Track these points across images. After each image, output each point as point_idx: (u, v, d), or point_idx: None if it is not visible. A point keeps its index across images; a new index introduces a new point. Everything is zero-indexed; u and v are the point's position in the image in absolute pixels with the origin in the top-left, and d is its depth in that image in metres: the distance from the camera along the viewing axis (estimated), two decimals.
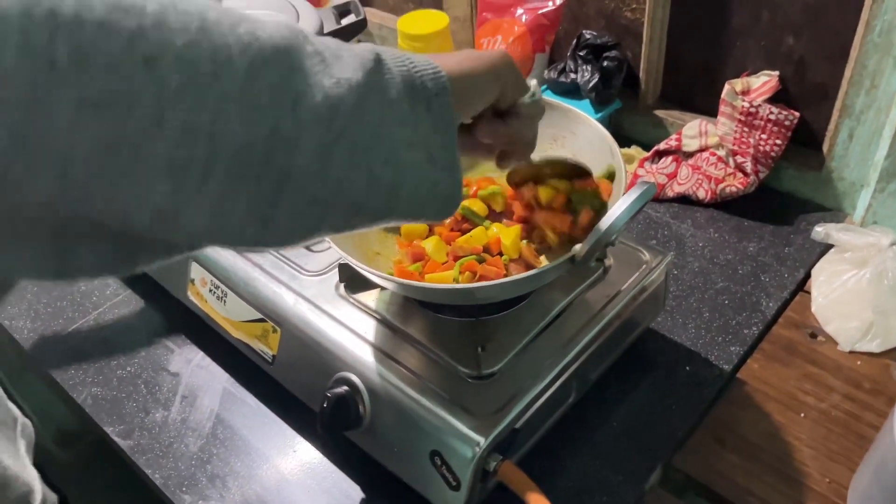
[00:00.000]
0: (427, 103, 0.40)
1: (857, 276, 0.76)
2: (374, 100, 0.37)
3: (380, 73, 0.38)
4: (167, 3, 0.31)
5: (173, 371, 0.80)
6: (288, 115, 0.34)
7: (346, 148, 0.36)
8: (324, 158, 0.36)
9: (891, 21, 0.76)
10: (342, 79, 0.36)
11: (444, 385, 0.63)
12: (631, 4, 1.00)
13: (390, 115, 0.38)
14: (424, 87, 0.40)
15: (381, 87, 0.38)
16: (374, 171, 0.38)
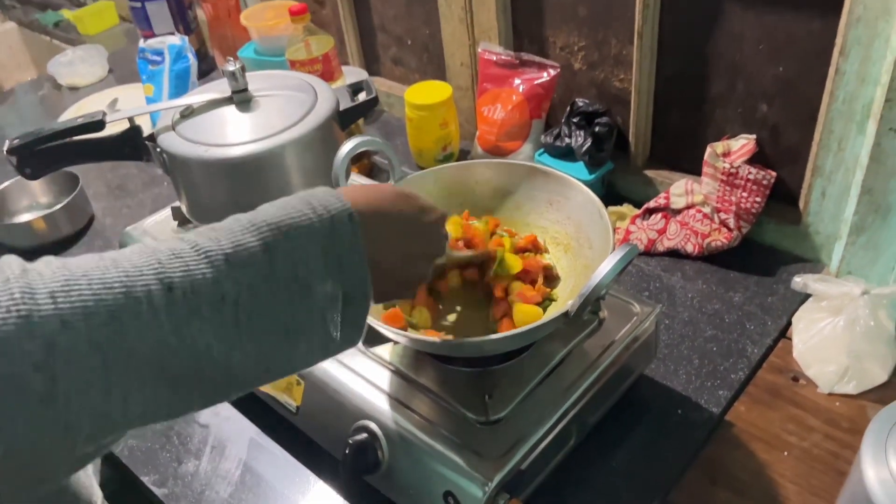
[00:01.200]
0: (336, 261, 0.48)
1: (832, 324, 0.83)
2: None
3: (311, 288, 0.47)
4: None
5: (203, 423, 0.86)
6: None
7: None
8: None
9: (852, 91, 0.84)
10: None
11: (455, 430, 0.69)
12: (619, 75, 1.09)
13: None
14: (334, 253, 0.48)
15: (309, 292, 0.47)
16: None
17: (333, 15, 1.47)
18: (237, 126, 0.87)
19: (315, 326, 0.48)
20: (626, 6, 1.01)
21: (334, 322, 0.48)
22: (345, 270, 0.48)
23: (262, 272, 0.45)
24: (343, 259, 0.48)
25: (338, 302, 0.48)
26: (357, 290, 0.49)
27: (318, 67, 1.17)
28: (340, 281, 0.48)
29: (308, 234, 0.48)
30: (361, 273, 0.49)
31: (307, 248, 0.47)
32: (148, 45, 1.33)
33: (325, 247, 0.48)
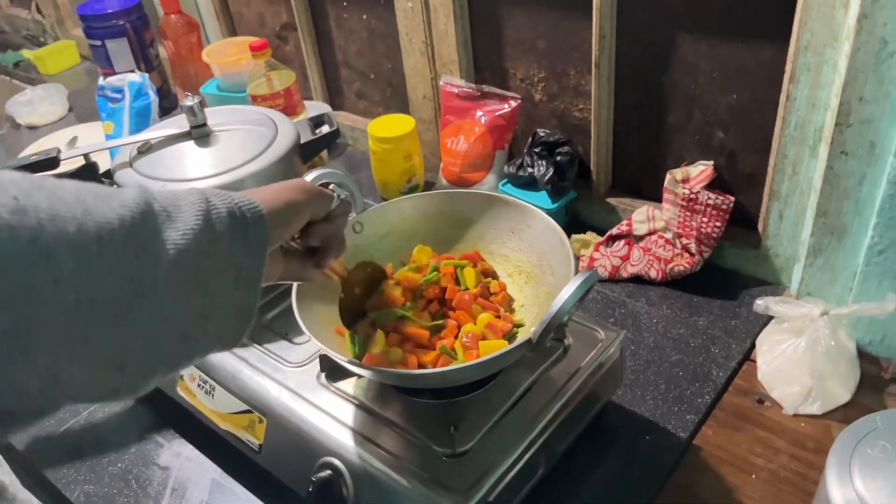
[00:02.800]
0: (244, 230, 0.48)
1: (794, 345, 0.83)
2: (205, 238, 0.44)
3: (210, 215, 0.45)
4: (53, 195, 0.37)
5: (163, 465, 0.83)
6: (149, 273, 0.41)
7: (189, 287, 0.43)
8: (174, 301, 0.42)
9: (804, 116, 0.86)
10: (186, 229, 0.43)
11: (422, 464, 0.67)
12: (579, 105, 1.11)
13: (215, 248, 0.45)
14: (244, 216, 0.48)
15: (211, 225, 0.45)
16: (193, 303, 0.44)
17: (296, 51, 1.47)
18: (196, 161, 0.86)
19: (221, 252, 0.46)
20: (583, 38, 1.03)
21: (239, 243, 0.47)
22: (232, 198, 0.48)
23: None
24: (225, 195, 0.48)
25: (238, 223, 0.47)
26: (249, 210, 0.49)
27: (280, 102, 1.17)
28: (232, 206, 0.48)
29: (184, 193, 0.47)
30: (247, 199, 0.49)
31: (189, 193, 0.47)
32: (107, 83, 1.32)
33: (203, 192, 0.48)
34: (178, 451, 0.85)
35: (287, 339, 0.83)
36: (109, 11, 1.50)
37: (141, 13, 1.52)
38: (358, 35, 1.35)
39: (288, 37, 1.49)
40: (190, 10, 1.58)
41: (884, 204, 0.77)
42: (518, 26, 1.11)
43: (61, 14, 2.00)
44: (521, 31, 1.11)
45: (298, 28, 1.41)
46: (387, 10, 1.25)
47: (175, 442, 0.86)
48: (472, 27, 1.17)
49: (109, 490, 0.81)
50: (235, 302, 0.48)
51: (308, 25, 1.40)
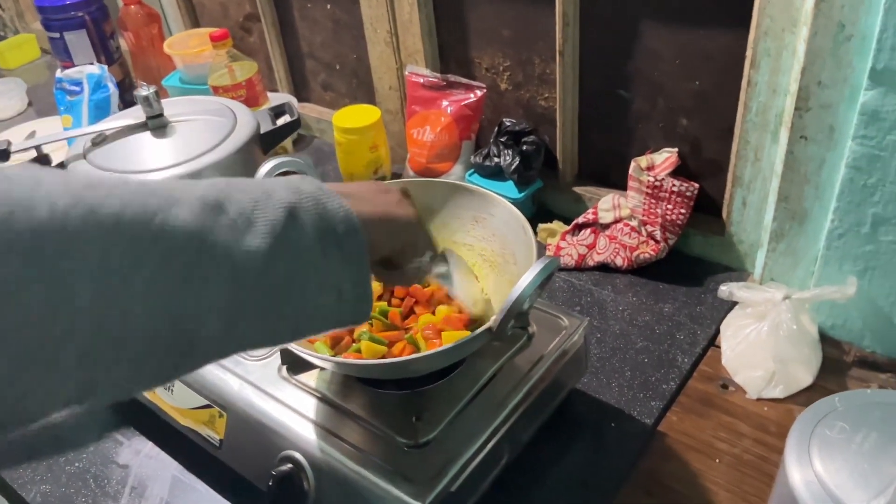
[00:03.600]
0: (338, 243, 0.45)
1: (757, 330, 0.84)
2: (284, 258, 0.42)
3: (292, 229, 0.42)
4: (86, 197, 0.34)
5: (122, 463, 0.82)
6: (193, 296, 0.37)
7: (252, 314, 0.41)
8: (228, 327, 0.40)
9: (764, 102, 0.86)
10: (251, 249, 0.40)
11: (385, 456, 0.66)
12: (544, 94, 1.10)
13: (301, 266, 0.43)
14: (334, 229, 0.45)
15: (291, 242, 0.42)
16: (278, 326, 0.43)
17: (261, 42, 1.45)
18: (152, 152, 0.84)
19: (314, 259, 0.44)
20: (548, 26, 1.02)
21: (334, 257, 0.45)
22: (325, 206, 0.45)
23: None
24: (319, 197, 0.46)
25: (329, 234, 0.45)
26: (342, 223, 0.46)
27: (242, 93, 1.15)
28: (324, 215, 0.45)
29: (273, 183, 0.45)
30: (340, 206, 0.46)
31: (277, 185, 0.45)
32: (65, 76, 1.29)
33: (298, 188, 0.45)
34: (138, 448, 0.83)
35: None
36: (68, 3, 1.47)
37: (100, 4, 1.49)
38: (322, 26, 1.33)
39: (252, 28, 1.46)
40: (151, 1, 1.55)
41: (843, 188, 0.77)
42: (483, 15, 1.10)
43: (21, 7, 1.96)
44: (486, 20, 1.10)
45: (262, 19, 1.39)
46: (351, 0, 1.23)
47: (134, 439, 0.84)
48: (437, 16, 1.15)
49: (67, 490, 0.79)
50: (342, 317, 0.48)
51: (272, 16, 1.38)
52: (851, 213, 0.78)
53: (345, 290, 0.46)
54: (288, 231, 0.42)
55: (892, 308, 0.81)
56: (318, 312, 0.46)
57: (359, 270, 0.47)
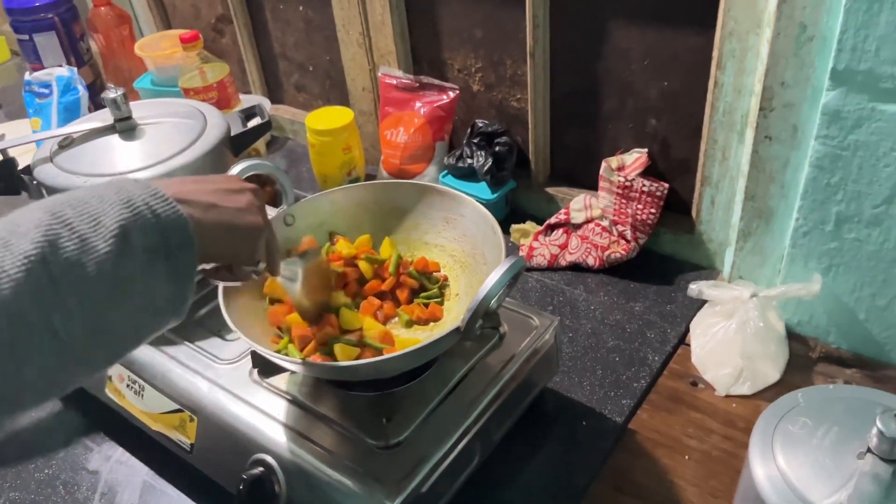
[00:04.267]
0: (168, 256, 0.47)
1: (725, 327, 0.85)
2: (113, 285, 0.44)
3: (123, 258, 0.44)
4: None
5: (92, 469, 0.81)
6: (40, 310, 0.41)
7: (91, 321, 0.44)
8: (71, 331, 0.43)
9: (731, 102, 0.87)
10: (94, 258, 0.43)
11: (355, 457, 0.67)
12: (516, 95, 1.11)
13: (126, 287, 0.45)
14: (166, 242, 0.47)
15: (122, 271, 0.44)
16: (108, 332, 0.45)
17: (233, 43, 1.44)
18: (121, 155, 0.84)
19: (139, 278, 0.46)
20: (518, 28, 1.03)
21: (160, 274, 0.47)
22: (159, 217, 0.47)
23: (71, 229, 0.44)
24: (154, 208, 0.47)
25: (160, 249, 0.47)
26: (177, 233, 0.48)
27: (214, 95, 1.15)
28: (158, 228, 0.47)
29: (109, 196, 0.46)
30: (176, 218, 0.48)
31: (108, 200, 0.46)
32: (34, 78, 1.27)
33: (129, 200, 0.46)
34: (108, 454, 0.82)
35: (219, 335, 0.81)
36: (37, 4, 1.45)
37: (70, 5, 1.47)
38: (295, 27, 1.33)
39: (224, 29, 1.46)
40: (122, 2, 1.53)
41: (807, 187, 0.79)
42: (454, 16, 1.11)
43: None
44: (458, 21, 1.11)
45: (234, 20, 1.38)
46: (323, 1, 1.23)
47: (104, 445, 0.83)
48: (409, 17, 1.16)
49: (36, 497, 0.79)
50: (158, 326, 0.49)
51: (244, 17, 1.38)
52: (816, 211, 0.79)
53: (160, 304, 0.48)
54: (119, 262, 0.44)
55: (856, 304, 0.83)
56: (133, 324, 0.48)
57: (182, 285, 0.49)
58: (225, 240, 0.54)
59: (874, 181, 0.74)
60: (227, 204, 0.54)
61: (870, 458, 0.55)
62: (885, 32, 0.67)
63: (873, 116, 0.71)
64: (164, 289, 0.48)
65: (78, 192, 0.47)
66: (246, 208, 0.56)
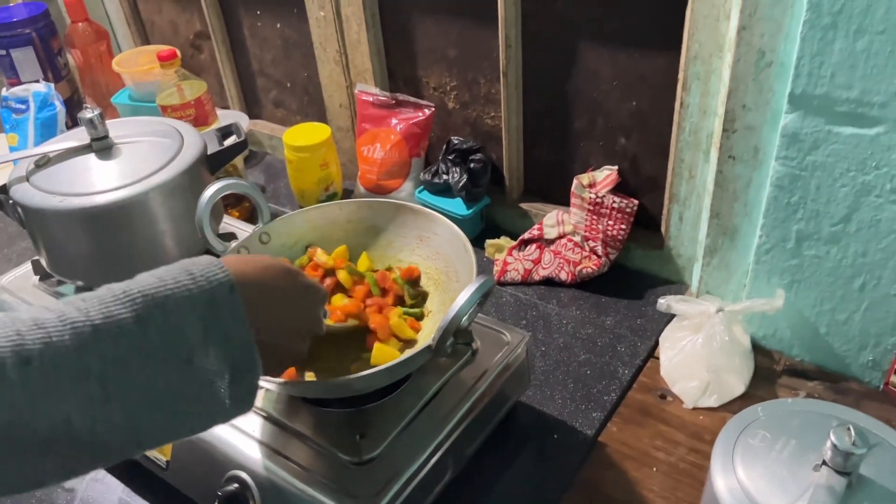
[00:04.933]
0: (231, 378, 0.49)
1: (692, 341, 0.87)
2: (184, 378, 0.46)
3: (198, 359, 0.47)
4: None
5: (67, 487, 0.81)
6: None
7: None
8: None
9: (696, 122, 0.90)
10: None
11: (329, 474, 0.68)
12: (490, 113, 1.13)
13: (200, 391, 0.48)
14: (233, 357, 0.49)
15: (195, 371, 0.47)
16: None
17: (211, 59, 1.46)
18: (97, 174, 0.85)
19: (200, 398, 0.48)
20: (491, 47, 1.05)
21: (223, 393, 0.48)
22: (229, 341, 0.48)
23: (134, 345, 0.44)
24: (227, 330, 0.48)
25: (225, 374, 0.48)
26: (244, 361, 0.49)
27: (191, 112, 1.16)
28: (225, 352, 0.48)
29: (186, 305, 0.47)
30: (246, 344, 0.50)
31: (185, 319, 0.47)
32: (11, 94, 1.27)
33: (205, 317, 0.47)
34: None
35: None
36: (14, 20, 1.45)
37: (47, 21, 1.48)
38: (272, 44, 1.34)
39: (202, 45, 1.47)
40: (100, 18, 1.54)
41: (769, 205, 0.81)
42: (429, 35, 1.13)
43: None
44: (433, 40, 1.13)
45: (212, 36, 1.39)
46: (300, 19, 1.24)
47: None
48: (385, 36, 1.18)
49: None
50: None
51: (222, 34, 1.39)
52: (777, 229, 0.82)
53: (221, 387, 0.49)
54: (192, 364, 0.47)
55: (818, 319, 0.85)
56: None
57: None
58: (280, 331, 0.57)
59: (831, 200, 0.77)
60: (283, 284, 0.57)
61: (825, 470, 0.58)
62: (840, 59, 0.70)
63: (829, 139, 0.74)
64: (221, 374, 0.49)
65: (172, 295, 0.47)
66: (303, 291, 0.60)
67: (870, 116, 0.71)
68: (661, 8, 0.89)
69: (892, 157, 0.72)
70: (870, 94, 0.70)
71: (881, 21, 0.66)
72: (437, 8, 1.09)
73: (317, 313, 0.62)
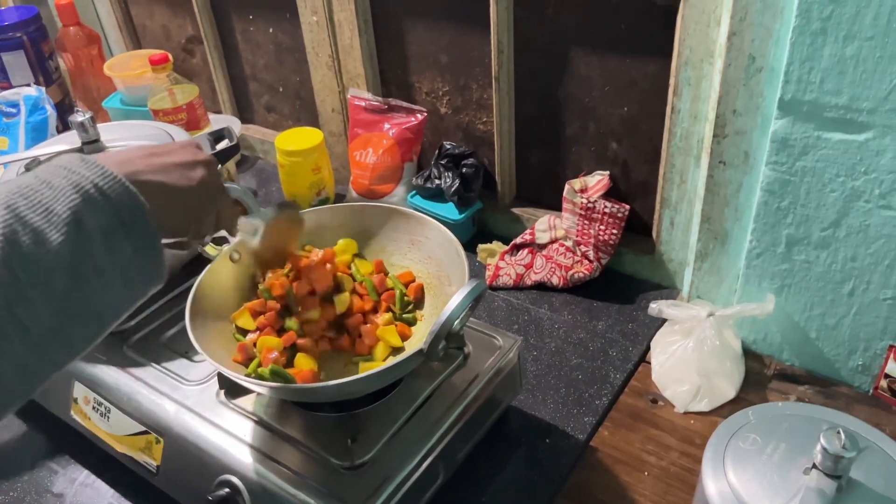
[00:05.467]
0: (125, 232, 0.48)
1: (683, 345, 0.87)
2: (78, 251, 0.45)
3: (79, 227, 0.46)
4: None
5: (57, 492, 0.81)
6: (3, 304, 0.42)
7: (58, 307, 0.45)
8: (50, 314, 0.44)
9: (687, 128, 0.91)
10: (50, 249, 0.44)
11: (320, 478, 0.68)
12: (482, 118, 1.13)
13: (87, 258, 0.46)
14: (122, 220, 0.48)
15: (82, 237, 0.46)
16: (80, 314, 0.47)
17: (203, 64, 1.45)
18: None
19: (101, 258, 0.47)
20: (483, 53, 1.05)
21: (123, 250, 0.48)
22: (109, 198, 0.48)
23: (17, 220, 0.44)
24: (103, 188, 0.47)
25: (116, 227, 0.48)
26: (131, 210, 0.49)
27: (183, 116, 1.15)
28: (110, 208, 0.47)
29: (58, 182, 0.47)
30: (128, 196, 0.48)
31: (57, 187, 0.46)
32: (2, 97, 1.27)
33: (78, 184, 0.47)
34: (73, 476, 0.82)
35: (186, 357, 0.81)
36: (5, 23, 1.44)
37: (39, 25, 1.47)
38: (265, 48, 1.34)
39: (194, 50, 1.47)
40: (92, 22, 1.54)
41: (759, 210, 0.82)
42: (421, 41, 1.13)
43: None
44: (425, 46, 1.13)
45: (204, 41, 1.39)
46: (292, 23, 1.25)
47: (70, 468, 0.83)
48: (378, 41, 1.18)
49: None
50: (135, 300, 0.51)
51: (214, 38, 1.39)
52: (767, 233, 0.83)
53: (132, 276, 0.49)
54: (76, 247, 0.45)
55: (807, 323, 0.86)
56: (105, 301, 0.49)
57: (149, 256, 0.50)
58: (178, 215, 0.56)
59: (821, 205, 0.77)
60: (178, 182, 0.55)
61: (815, 473, 0.58)
62: (829, 65, 0.70)
63: (819, 144, 0.74)
64: (131, 262, 0.49)
65: (28, 177, 0.47)
66: (198, 185, 0.57)
67: (858, 122, 0.71)
68: (652, 14, 0.89)
69: (880, 163, 0.72)
70: (858, 100, 0.70)
71: (870, 27, 0.67)
72: (429, 13, 1.09)
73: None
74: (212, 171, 0.59)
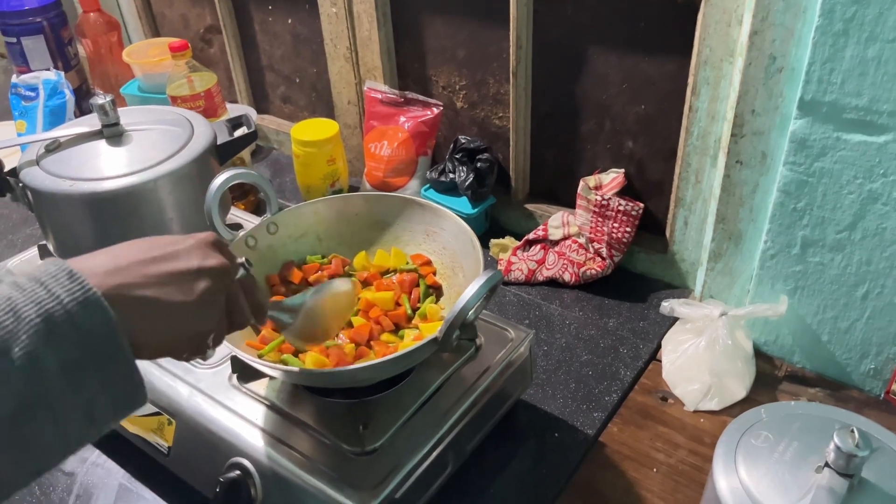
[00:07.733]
0: (95, 367, 0.41)
1: (695, 344, 0.87)
2: (30, 393, 0.39)
3: (36, 366, 0.39)
4: None
5: (68, 471, 0.81)
6: None
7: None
8: None
9: (705, 127, 0.91)
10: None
11: (331, 463, 0.68)
12: (498, 113, 1.14)
13: (36, 401, 0.39)
14: (93, 354, 0.41)
15: (36, 378, 0.39)
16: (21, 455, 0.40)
17: (221, 53, 1.46)
18: (107, 160, 0.85)
19: (57, 398, 0.40)
20: (501, 48, 1.05)
21: (86, 386, 0.41)
22: (79, 325, 0.41)
23: None
24: (72, 312, 0.40)
25: (84, 365, 0.41)
26: (105, 340, 0.42)
27: (201, 104, 1.16)
28: (78, 337, 0.41)
29: (26, 311, 0.40)
30: (104, 319, 0.41)
31: (23, 317, 0.39)
32: (21, 81, 1.28)
33: (47, 309, 0.40)
34: (84, 456, 0.83)
35: None
36: (26, 8, 1.46)
37: (59, 10, 1.48)
38: (283, 39, 1.35)
39: (212, 39, 1.47)
40: (111, 9, 1.54)
41: (775, 211, 0.82)
42: (439, 35, 1.13)
43: None
44: (442, 40, 1.13)
45: (223, 31, 1.40)
46: (311, 15, 1.25)
47: None
48: (396, 34, 1.18)
49: (11, 498, 0.79)
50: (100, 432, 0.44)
51: (232, 28, 1.39)
52: (782, 234, 0.82)
53: (96, 411, 0.42)
54: (26, 389, 0.39)
55: (820, 326, 0.85)
56: (73, 434, 0.42)
57: (122, 389, 0.43)
58: (167, 334, 0.48)
59: (837, 207, 0.77)
60: (172, 297, 0.47)
61: (827, 472, 0.58)
62: (850, 66, 0.70)
63: (837, 145, 0.74)
64: (97, 396, 0.42)
65: (5, 291, 0.41)
66: (197, 300, 0.48)
67: (878, 124, 0.71)
68: (672, 13, 0.89)
69: None
70: (879, 102, 0.70)
71: (892, 29, 0.66)
72: (448, 7, 1.10)
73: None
74: (217, 282, 0.50)
